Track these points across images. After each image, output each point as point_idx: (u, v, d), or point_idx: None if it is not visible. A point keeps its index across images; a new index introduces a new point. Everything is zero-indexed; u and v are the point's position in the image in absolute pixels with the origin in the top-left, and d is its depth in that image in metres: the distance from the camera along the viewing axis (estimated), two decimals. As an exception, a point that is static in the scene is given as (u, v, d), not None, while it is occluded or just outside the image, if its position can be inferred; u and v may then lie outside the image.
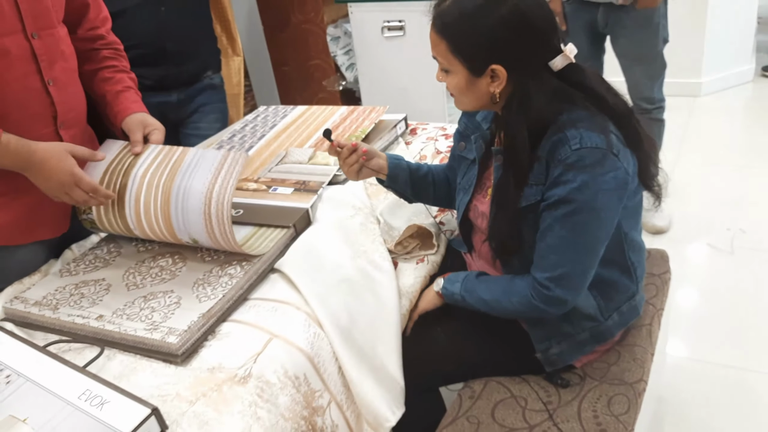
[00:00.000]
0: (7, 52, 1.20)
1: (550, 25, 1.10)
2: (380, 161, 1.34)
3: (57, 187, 1.23)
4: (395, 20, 2.31)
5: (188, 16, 1.99)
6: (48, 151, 1.21)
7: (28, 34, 1.23)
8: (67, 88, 1.33)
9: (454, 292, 1.24)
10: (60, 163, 1.22)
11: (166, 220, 1.26)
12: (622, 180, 1.08)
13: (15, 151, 1.19)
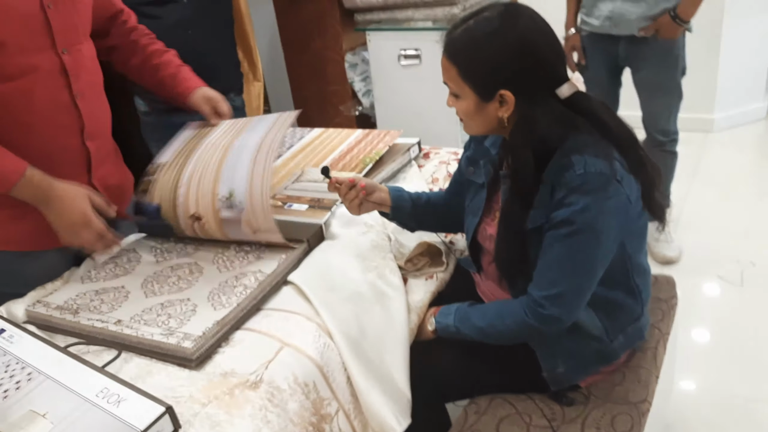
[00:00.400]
0: (38, 68, 1.26)
1: (556, 53, 1.14)
2: (382, 194, 1.36)
3: (68, 225, 1.27)
4: (411, 49, 2.37)
5: (213, 41, 2.06)
6: (66, 190, 1.27)
7: (58, 50, 1.29)
8: (93, 100, 1.39)
9: (448, 324, 1.26)
10: (75, 201, 1.26)
11: (216, 174, 1.37)
12: (624, 205, 1.11)
13: (37, 185, 1.24)
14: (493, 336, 1.22)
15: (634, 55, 2.34)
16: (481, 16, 1.14)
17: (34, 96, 1.27)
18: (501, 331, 1.20)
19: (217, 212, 1.36)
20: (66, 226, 1.27)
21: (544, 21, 1.15)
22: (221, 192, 1.34)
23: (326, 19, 2.53)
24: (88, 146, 1.39)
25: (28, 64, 1.25)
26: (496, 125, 1.17)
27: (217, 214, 1.36)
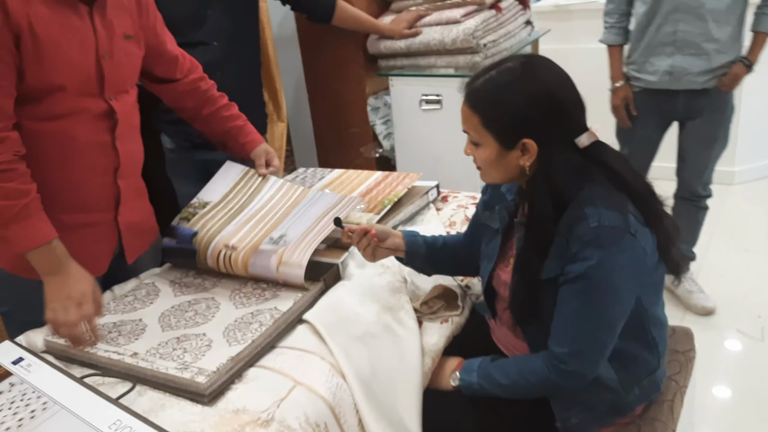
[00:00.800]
0: (87, 110, 1.35)
1: (576, 103, 1.16)
2: (396, 240, 1.38)
3: (64, 297, 1.25)
4: (433, 94, 2.42)
5: (241, 82, 2.12)
6: (79, 269, 1.29)
7: (106, 97, 1.37)
8: (130, 142, 1.46)
9: (472, 382, 1.25)
10: (81, 280, 1.28)
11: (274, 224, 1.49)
12: (640, 259, 1.11)
13: (58, 256, 1.27)
14: (518, 394, 1.22)
15: (692, 107, 2.31)
16: (503, 66, 1.16)
17: (77, 135, 1.34)
18: (525, 388, 1.20)
19: (257, 245, 1.43)
20: (61, 298, 1.26)
21: (564, 72, 1.17)
22: (273, 235, 1.44)
23: (350, 64, 2.59)
24: (119, 184, 1.44)
25: (78, 106, 1.32)
26: (516, 174, 1.19)
27: (256, 247, 1.43)
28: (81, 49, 1.30)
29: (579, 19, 3.49)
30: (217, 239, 1.49)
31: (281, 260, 1.38)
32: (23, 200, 1.24)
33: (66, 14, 1.27)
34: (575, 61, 2.11)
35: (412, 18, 2.43)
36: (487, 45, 2.34)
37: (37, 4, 1.22)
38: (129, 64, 1.43)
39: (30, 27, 1.21)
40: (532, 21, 2.67)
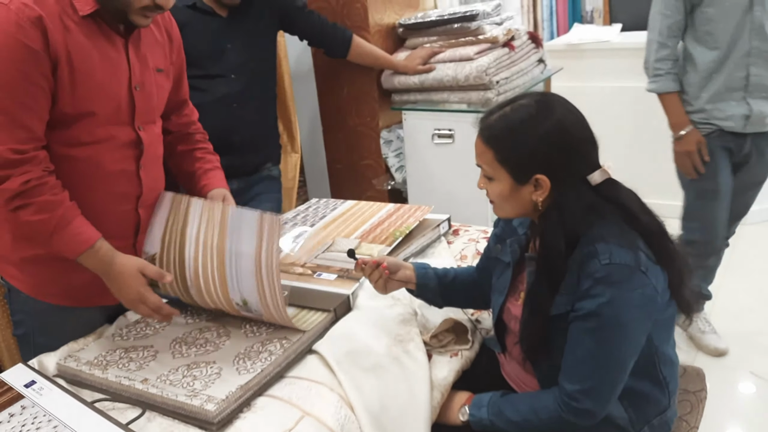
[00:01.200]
0: (116, 138, 1.38)
1: (590, 140, 1.18)
2: (407, 272, 1.39)
3: (126, 301, 1.34)
4: (445, 128, 2.45)
5: (256, 113, 2.17)
6: (124, 266, 1.33)
7: (135, 126, 1.41)
8: (153, 171, 1.49)
9: (482, 417, 1.24)
10: (130, 279, 1.32)
11: (222, 280, 1.36)
12: (650, 297, 1.11)
13: (101, 258, 1.32)
14: (528, 430, 1.21)
15: (755, 148, 2.28)
16: (518, 103, 1.19)
17: (103, 162, 1.37)
18: (535, 425, 1.19)
19: (238, 312, 1.39)
20: (125, 301, 1.34)
21: (578, 109, 1.19)
22: (234, 299, 1.37)
23: (365, 98, 2.63)
24: (140, 213, 1.47)
25: (107, 134, 1.36)
26: (529, 208, 1.20)
27: (238, 313, 1.40)
28: (114, 79, 1.34)
29: (591, 58, 3.53)
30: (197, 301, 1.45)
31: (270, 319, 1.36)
32: (58, 211, 1.27)
33: (103, 45, 1.32)
34: (587, 99, 2.13)
35: (426, 54, 2.48)
36: (499, 82, 2.37)
37: (77, 34, 1.26)
38: (158, 96, 1.48)
39: (68, 55, 1.25)
40: (545, 59, 2.71)
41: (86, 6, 1.27)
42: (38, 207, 1.26)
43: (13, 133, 1.23)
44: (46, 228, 1.27)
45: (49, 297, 1.41)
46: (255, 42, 2.14)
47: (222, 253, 1.36)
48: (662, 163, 2.45)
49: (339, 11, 2.53)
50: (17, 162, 1.23)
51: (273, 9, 2.18)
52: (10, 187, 1.23)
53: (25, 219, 1.26)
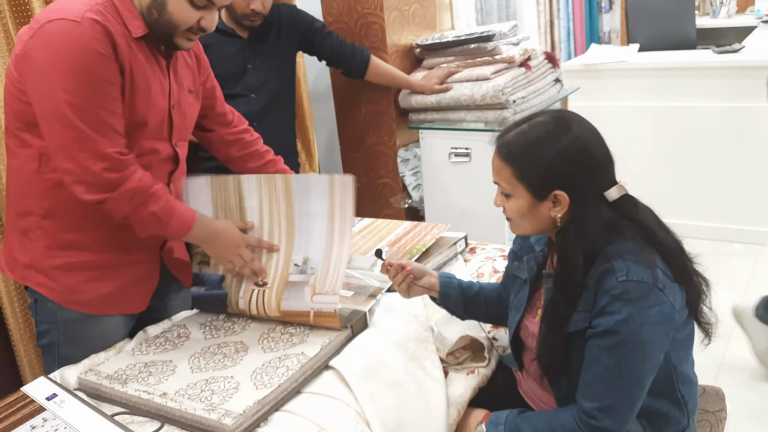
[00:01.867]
0: (159, 152, 1.48)
1: (606, 156, 1.18)
2: (431, 280, 1.40)
3: (233, 248, 1.47)
4: (462, 147, 2.46)
5: (276, 132, 2.20)
6: (225, 222, 1.49)
7: (173, 143, 1.51)
8: (178, 187, 1.58)
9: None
10: (234, 229, 1.49)
11: (289, 241, 1.48)
12: (668, 314, 1.11)
13: (206, 223, 1.46)
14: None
15: None
16: (535, 120, 1.20)
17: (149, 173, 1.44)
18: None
19: (286, 277, 1.46)
20: (231, 250, 1.47)
21: (594, 126, 1.20)
22: (295, 259, 1.46)
23: (382, 117, 2.66)
24: None
25: (152, 147, 1.46)
26: (547, 225, 1.20)
27: (285, 278, 1.46)
28: (160, 96, 1.44)
29: (608, 77, 3.54)
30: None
31: (315, 290, 1.42)
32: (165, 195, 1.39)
33: (153, 65, 1.42)
34: (604, 119, 2.14)
35: (443, 74, 2.50)
36: (516, 101, 2.39)
37: (137, 52, 1.37)
38: (190, 116, 1.58)
39: (130, 69, 1.34)
40: (562, 79, 2.72)
41: (138, 29, 1.36)
42: (155, 196, 1.36)
43: (113, 138, 1.32)
44: (165, 214, 1.38)
45: (76, 305, 1.45)
46: (275, 63, 2.18)
47: (291, 217, 1.48)
48: (679, 183, 2.44)
49: (357, 32, 2.57)
50: (127, 162, 1.33)
51: (293, 31, 2.22)
52: (131, 187, 1.33)
53: (148, 211, 1.36)
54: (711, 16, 6.08)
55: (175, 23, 1.36)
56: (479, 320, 1.48)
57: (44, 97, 1.28)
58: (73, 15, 1.26)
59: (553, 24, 4.51)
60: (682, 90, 3.37)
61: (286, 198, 1.48)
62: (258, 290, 1.49)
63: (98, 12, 1.29)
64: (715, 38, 5.31)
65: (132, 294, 1.51)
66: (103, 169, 1.30)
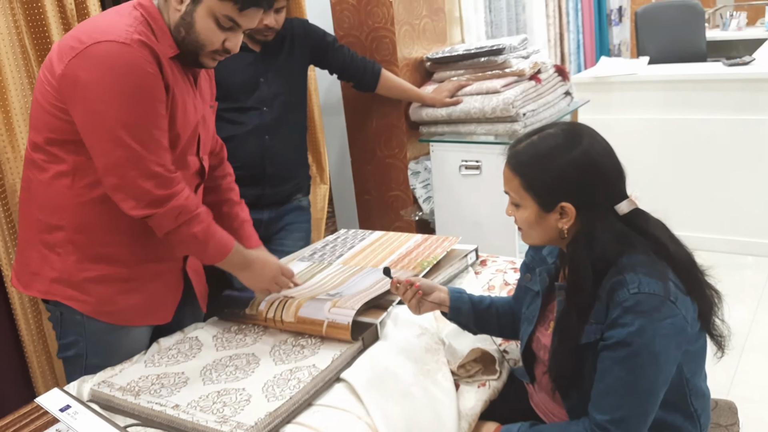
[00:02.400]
0: (190, 166, 1.53)
1: (617, 170, 1.19)
2: (441, 295, 1.40)
3: (270, 276, 1.53)
4: (473, 160, 2.47)
5: (288, 145, 2.22)
6: (261, 252, 1.58)
7: (200, 156, 1.56)
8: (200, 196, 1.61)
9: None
10: (269, 258, 1.58)
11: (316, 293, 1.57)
12: (680, 326, 1.11)
13: (242, 252, 1.50)
14: None
15: None
16: (545, 132, 1.21)
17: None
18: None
19: (314, 296, 1.52)
20: (267, 277, 1.54)
21: (604, 139, 1.20)
22: (331, 291, 1.54)
23: (393, 130, 2.67)
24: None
25: (185, 162, 1.50)
26: (556, 236, 1.21)
27: (313, 296, 1.52)
28: (192, 112, 1.49)
29: (618, 90, 3.54)
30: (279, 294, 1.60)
31: (335, 304, 1.46)
32: (208, 218, 1.43)
33: (186, 81, 1.47)
34: (614, 132, 2.14)
35: (453, 88, 2.52)
36: (526, 114, 2.39)
37: (173, 68, 1.41)
38: (212, 129, 1.63)
39: (170, 86, 1.39)
40: (572, 92, 2.73)
41: (171, 50, 1.40)
42: (198, 219, 1.41)
43: (162, 155, 1.36)
44: (205, 236, 1.42)
45: (107, 316, 1.48)
46: (287, 76, 2.20)
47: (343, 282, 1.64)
48: (690, 195, 2.42)
49: (368, 45, 2.59)
50: (174, 180, 1.38)
51: (304, 44, 2.24)
52: (178, 204, 1.37)
53: (191, 232, 1.40)
54: (721, 29, 6.07)
55: (202, 43, 1.39)
56: (491, 334, 1.48)
57: (96, 118, 1.31)
58: (123, 38, 1.30)
59: (563, 37, 4.52)
60: (692, 102, 3.37)
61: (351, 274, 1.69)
62: (281, 299, 1.54)
63: (143, 33, 1.33)
64: (725, 51, 5.31)
65: (159, 305, 1.55)
66: (152, 186, 1.34)
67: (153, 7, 1.40)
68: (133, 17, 1.36)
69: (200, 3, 1.36)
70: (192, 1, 1.36)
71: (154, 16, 1.39)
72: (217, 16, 1.36)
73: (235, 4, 1.35)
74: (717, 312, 1.19)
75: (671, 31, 4.66)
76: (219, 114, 2.15)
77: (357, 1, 2.57)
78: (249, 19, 1.40)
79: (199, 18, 1.37)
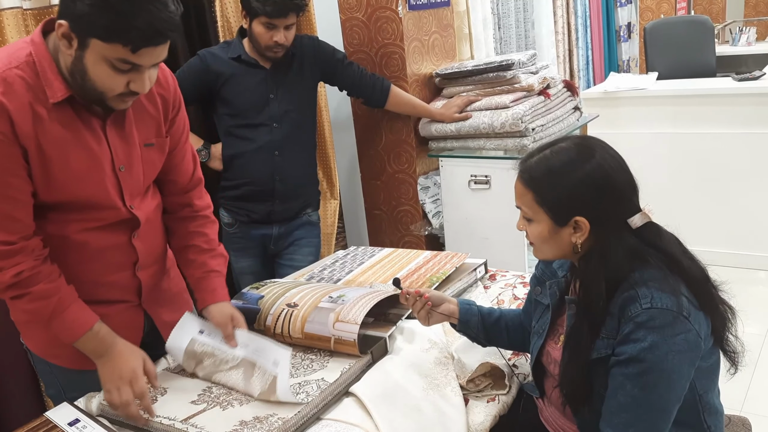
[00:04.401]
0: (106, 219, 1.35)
1: (630, 184, 1.18)
2: (451, 306, 1.40)
3: (117, 377, 1.28)
4: (482, 175, 2.47)
5: (297, 161, 2.23)
6: (126, 346, 1.33)
7: (128, 206, 1.37)
8: (149, 238, 1.45)
9: None
10: (130, 357, 1.32)
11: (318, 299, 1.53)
12: (693, 342, 1.10)
13: (101, 339, 1.31)
14: None
15: None
16: (557, 146, 1.20)
17: (94, 241, 1.35)
18: None
19: (317, 303, 1.49)
20: (114, 378, 1.29)
21: (617, 153, 1.20)
22: (333, 295, 1.50)
23: (402, 146, 2.69)
24: (139, 276, 1.44)
25: (98, 217, 1.34)
26: (568, 251, 1.20)
27: (316, 304, 1.49)
28: (95, 165, 1.29)
29: (627, 105, 3.54)
30: (282, 299, 1.56)
31: (338, 317, 1.42)
32: (54, 297, 1.27)
33: (79, 130, 1.26)
34: (623, 147, 2.12)
35: (462, 103, 2.53)
36: (535, 129, 2.40)
37: (50, 122, 1.22)
38: (147, 172, 1.40)
39: (38, 145, 1.21)
40: (581, 107, 2.73)
41: (57, 93, 1.21)
42: (33, 296, 1.25)
43: (6, 225, 1.22)
44: (43, 314, 1.27)
45: (56, 359, 1.40)
46: (297, 93, 2.22)
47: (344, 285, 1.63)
48: (701, 210, 2.41)
49: (378, 62, 2.61)
50: (7, 253, 1.22)
51: (314, 62, 2.26)
52: (2, 280, 1.23)
53: (22, 307, 1.28)
54: (731, 44, 6.06)
55: (101, 90, 1.20)
56: (501, 346, 1.47)
57: None
58: None
59: (572, 53, 4.53)
60: (702, 117, 3.36)
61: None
62: (288, 311, 1.51)
63: (2, 82, 1.17)
64: (734, 66, 5.29)
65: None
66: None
67: (42, 47, 1.22)
68: (15, 57, 1.20)
69: (87, 48, 1.16)
70: (79, 47, 1.17)
71: (42, 56, 1.21)
72: (110, 60, 1.16)
73: (126, 46, 1.14)
74: (730, 328, 1.18)
75: (680, 47, 4.66)
76: (229, 130, 2.18)
77: (367, 18, 2.59)
78: (147, 57, 1.18)
79: (91, 64, 1.17)
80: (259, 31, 2.07)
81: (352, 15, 2.63)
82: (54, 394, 1.45)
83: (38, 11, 1.83)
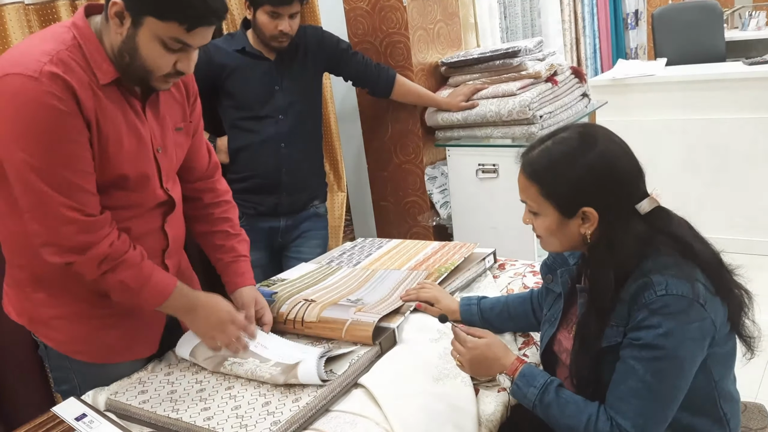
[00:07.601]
0: (147, 202, 1.39)
1: (635, 169, 1.16)
2: (452, 306, 1.43)
3: (215, 322, 1.37)
4: (489, 164, 2.45)
5: (303, 153, 2.22)
6: (209, 296, 1.41)
7: (165, 188, 1.42)
8: (177, 226, 1.49)
9: (526, 394, 1.18)
10: (220, 304, 1.40)
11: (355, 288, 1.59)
12: (708, 330, 1.08)
13: (187, 294, 1.37)
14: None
15: None
16: (559, 136, 1.18)
17: (131, 226, 1.36)
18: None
19: (336, 301, 1.50)
20: (213, 324, 1.37)
21: (621, 139, 1.18)
22: (351, 297, 1.53)
23: (409, 136, 2.67)
24: (167, 264, 1.46)
25: (139, 199, 1.37)
26: (578, 242, 1.18)
27: (335, 302, 1.50)
28: (141, 145, 1.34)
29: (636, 92, 3.50)
30: (298, 295, 1.58)
31: (359, 310, 1.45)
32: (143, 263, 1.31)
33: (127, 112, 1.31)
34: (632, 133, 2.10)
35: (469, 92, 2.50)
36: (543, 116, 2.37)
37: (103, 99, 1.25)
38: (177, 156, 1.46)
39: (98, 123, 1.24)
40: (589, 94, 2.70)
41: (107, 75, 1.25)
42: (127, 264, 1.29)
43: (81, 198, 1.23)
44: (136, 282, 1.30)
45: (80, 354, 1.40)
46: (302, 84, 2.20)
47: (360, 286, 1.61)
48: (712, 196, 2.38)
49: (383, 51, 2.59)
50: (95, 225, 1.25)
51: (319, 52, 2.24)
52: (99, 252, 1.25)
53: (117, 278, 1.28)
54: (740, 29, 6.00)
55: (149, 68, 1.25)
56: (512, 331, 1.48)
57: (7, 158, 1.21)
58: (31, 69, 1.16)
59: (579, 42, 4.49)
60: (712, 102, 3.32)
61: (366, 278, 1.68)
62: (303, 303, 1.52)
63: (59, 62, 1.18)
64: (744, 51, 5.24)
65: (138, 339, 1.45)
66: (71, 232, 1.22)
67: (88, 29, 1.25)
68: (61, 41, 1.22)
69: (141, 26, 1.20)
70: (132, 25, 1.21)
71: (88, 38, 1.24)
72: (163, 39, 1.21)
73: (182, 25, 1.19)
74: (747, 312, 1.16)
75: (689, 33, 4.60)
76: (234, 123, 2.17)
77: (371, 7, 2.57)
78: (199, 37, 1.24)
79: (143, 42, 1.21)
80: (263, 21, 2.05)
81: (356, 5, 2.60)
82: (68, 390, 1.45)
83: (40, 6, 1.82)
